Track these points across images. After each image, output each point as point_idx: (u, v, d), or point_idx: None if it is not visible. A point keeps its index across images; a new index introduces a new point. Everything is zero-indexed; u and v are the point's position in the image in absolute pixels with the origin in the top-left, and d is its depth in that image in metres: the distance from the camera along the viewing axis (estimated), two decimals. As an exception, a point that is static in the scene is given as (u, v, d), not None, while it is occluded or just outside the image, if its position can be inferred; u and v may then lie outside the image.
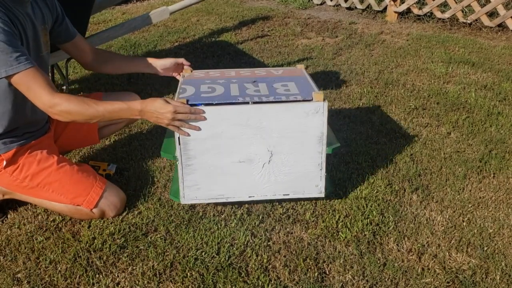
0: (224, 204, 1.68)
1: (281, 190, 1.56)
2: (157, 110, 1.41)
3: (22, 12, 1.46)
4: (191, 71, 1.76)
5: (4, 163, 1.57)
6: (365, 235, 1.53)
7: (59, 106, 1.39)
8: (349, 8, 4.17)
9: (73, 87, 2.91)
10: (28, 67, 1.37)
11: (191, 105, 1.43)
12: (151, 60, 1.82)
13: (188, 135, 1.45)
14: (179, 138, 1.46)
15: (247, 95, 1.47)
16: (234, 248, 1.51)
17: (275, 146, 1.48)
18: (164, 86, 2.77)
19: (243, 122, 1.43)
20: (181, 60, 1.82)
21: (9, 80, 1.39)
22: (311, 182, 1.54)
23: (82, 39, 1.80)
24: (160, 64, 1.81)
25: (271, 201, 1.67)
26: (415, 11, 3.66)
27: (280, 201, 1.67)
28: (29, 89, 1.39)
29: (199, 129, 1.44)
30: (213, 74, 1.72)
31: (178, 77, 1.81)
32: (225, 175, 1.53)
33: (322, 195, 1.56)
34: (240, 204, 1.67)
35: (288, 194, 1.57)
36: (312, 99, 1.44)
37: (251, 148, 1.48)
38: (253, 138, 1.47)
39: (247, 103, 1.42)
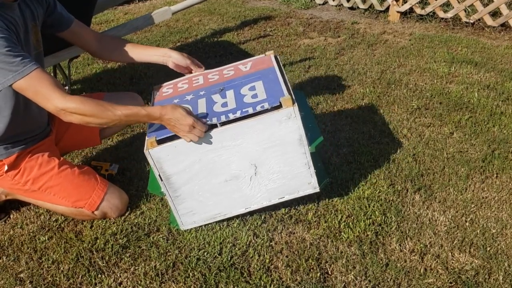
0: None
1: (275, 195, 1.54)
2: (177, 119, 1.35)
3: (12, 16, 1.40)
4: (160, 86, 1.75)
5: (6, 167, 1.56)
6: (367, 235, 1.53)
7: (73, 109, 1.33)
8: (351, 8, 4.16)
9: (75, 87, 2.91)
10: (33, 69, 1.31)
11: (160, 140, 1.40)
12: (165, 51, 1.70)
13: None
14: (160, 175, 1.45)
15: (214, 114, 1.43)
16: (236, 248, 1.51)
17: (256, 158, 1.45)
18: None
19: (217, 146, 1.41)
20: (191, 63, 1.72)
21: (14, 86, 1.32)
22: (303, 181, 1.52)
23: (82, 27, 1.71)
24: (175, 59, 1.69)
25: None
26: (418, 11, 3.65)
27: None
28: (37, 93, 1.32)
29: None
30: (181, 86, 1.69)
31: (187, 73, 1.76)
32: (216, 196, 1.52)
33: (318, 189, 1.54)
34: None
35: (284, 197, 1.55)
36: (281, 106, 1.37)
37: (233, 166, 1.46)
38: (232, 156, 1.44)
39: (216, 125, 1.39)
